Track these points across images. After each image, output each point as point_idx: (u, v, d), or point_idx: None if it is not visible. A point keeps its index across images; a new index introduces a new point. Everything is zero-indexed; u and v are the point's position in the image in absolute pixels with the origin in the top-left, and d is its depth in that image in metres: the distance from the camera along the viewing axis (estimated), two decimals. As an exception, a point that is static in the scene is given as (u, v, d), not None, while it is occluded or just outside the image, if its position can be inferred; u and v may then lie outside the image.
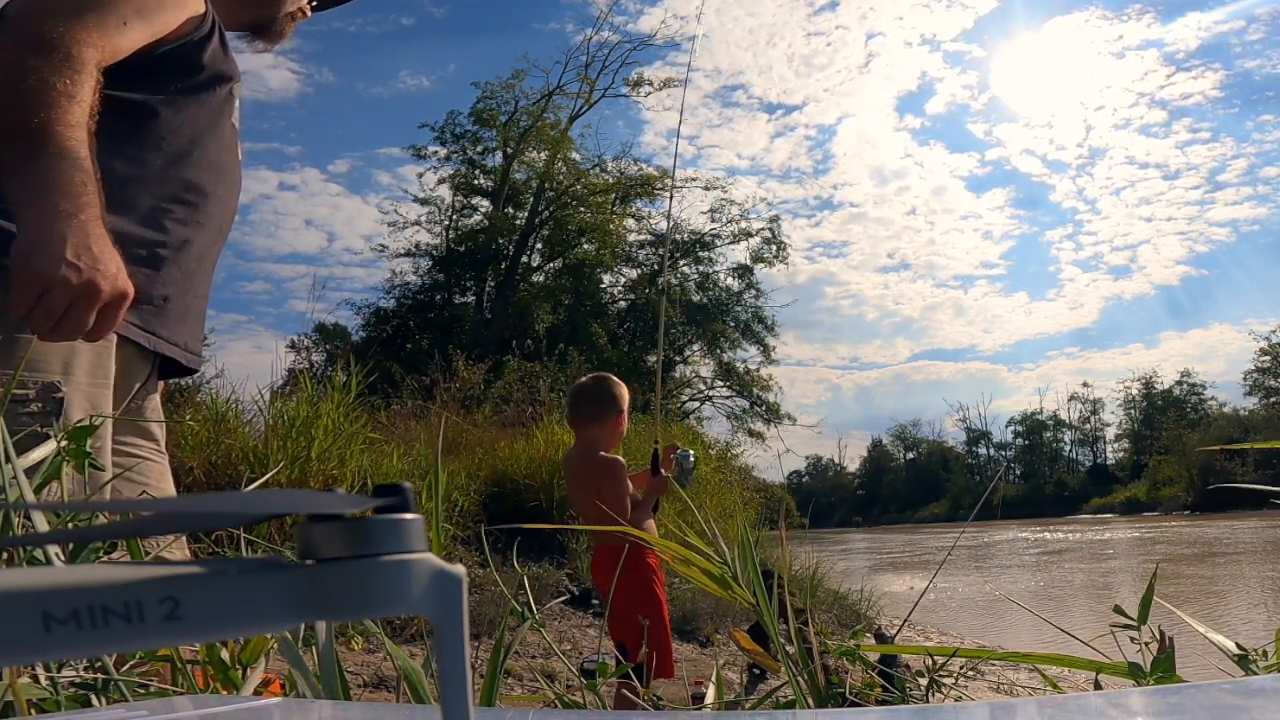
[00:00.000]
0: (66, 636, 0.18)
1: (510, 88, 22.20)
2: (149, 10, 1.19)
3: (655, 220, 22.93)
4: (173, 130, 1.25)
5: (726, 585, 0.92)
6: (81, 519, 0.73)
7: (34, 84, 1.04)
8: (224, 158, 1.36)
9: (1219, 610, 7.00)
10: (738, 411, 22.42)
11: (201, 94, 1.30)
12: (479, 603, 3.83)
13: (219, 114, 1.33)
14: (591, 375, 2.89)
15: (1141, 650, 0.76)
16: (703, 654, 4.59)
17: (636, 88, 22.91)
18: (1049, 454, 57.84)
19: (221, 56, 1.32)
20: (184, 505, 0.23)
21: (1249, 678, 0.69)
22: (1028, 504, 48.94)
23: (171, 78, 1.25)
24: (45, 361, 1.08)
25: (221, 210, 1.35)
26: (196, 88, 1.29)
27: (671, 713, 1.33)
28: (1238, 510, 23.67)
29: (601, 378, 2.77)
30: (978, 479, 55.85)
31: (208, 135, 1.31)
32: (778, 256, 23.21)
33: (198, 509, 0.23)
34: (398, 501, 0.22)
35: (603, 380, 2.74)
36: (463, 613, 0.21)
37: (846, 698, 0.91)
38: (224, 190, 1.36)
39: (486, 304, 21.31)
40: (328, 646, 0.59)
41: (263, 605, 0.20)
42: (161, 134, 1.22)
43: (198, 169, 1.29)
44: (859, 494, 65.55)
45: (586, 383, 2.81)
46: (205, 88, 1.30)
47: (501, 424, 7.39)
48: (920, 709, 0.60)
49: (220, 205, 1.34)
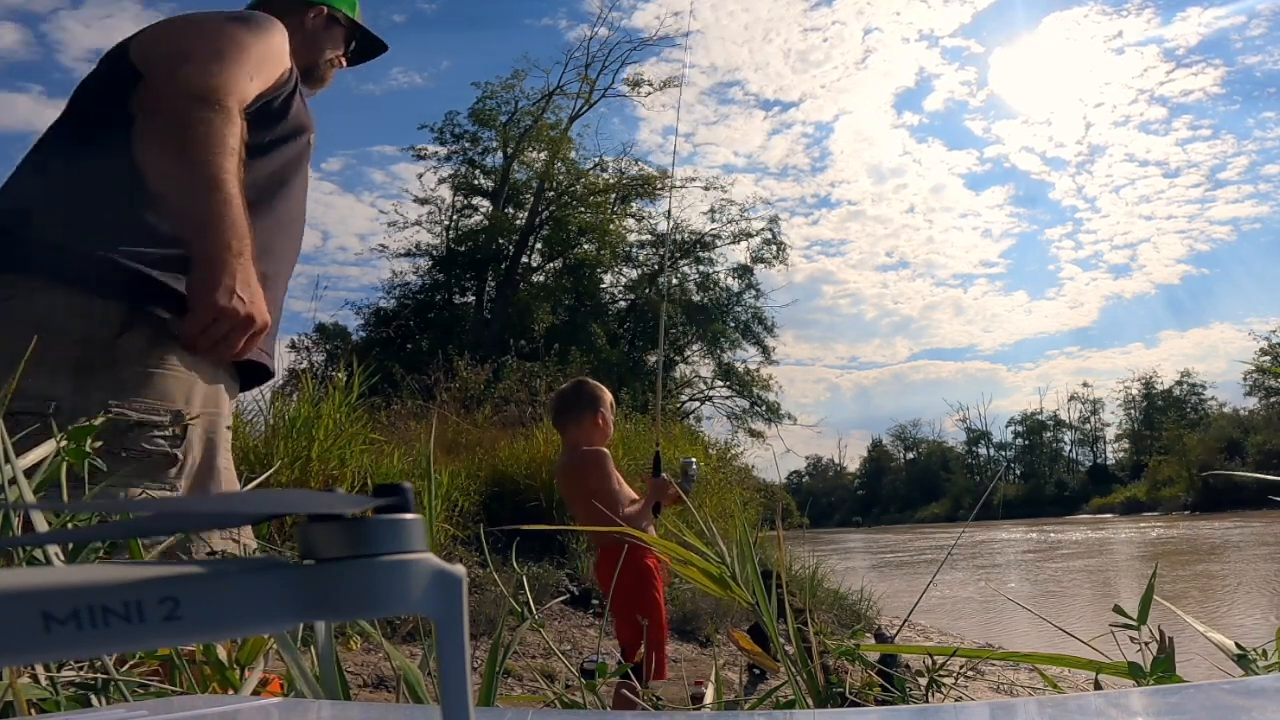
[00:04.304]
0: (66, 636, 0.18)
1: (510, 88, 22.24)
2: (265, 64, 1.32)
3: (655, 220, 22.96)
4: (265, 176, 1.36)
5: (726, 585, 0.92)
6: (81, 519, 0.73)
7: (203, 134, 1.17)
8: (302, 201, 1.49)
9: (1219, 610, 7.00)
10: (738, 411, 22.45)
11: (287, 143, 1.41)
12: (479, 603, 3.83)
13: (300, 161, 1.45)
14: (571, 380, 3.07)
15: (1141, 650, 0.76)
16: (702, 654, 4.59)
17: (636, 88, 22.94)
18: (1049, 454, 57.84)
19: (303, 108, 1.43)
20: (184, 505, 0.23)
21: (1249, 678, 0.69)
22: (1028, 504, 48.93)
23: (265, 128, 1.35)
24: (173, 392, 1.22)
25: (296, 246, 1.50)
26: (284, 138, 1.40)
27: (671, 713, 1.33)
28: (1238, 510, 23.67)
29: (579, 381, 2.92)
30: (978, 479, 55.85)
31: (293, 180, 1.44)
32: (777, 257, 23.23)
33: (198, 509, 0.23)
34: (398, 501, 0.22)
35: (580, 383, 2.89)
36: (463, 613, 0.21)
37: (846, 698, 0.91)
38: (299, 229, 1.50)
39: (487, 304, 21.32)
40: (327, 646, 0.59)
41: (263, 605, 0.20)
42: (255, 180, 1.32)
43: (284, 210, 1.41)
44: (859, 494, 65.57)
45: (564, 387, 2.97)
46: (290, 137, 1.41)
47: (502, 424, 7.38)
48: (920, 709, 0.60)
49: (294, 242, 1.49)
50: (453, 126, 22.45)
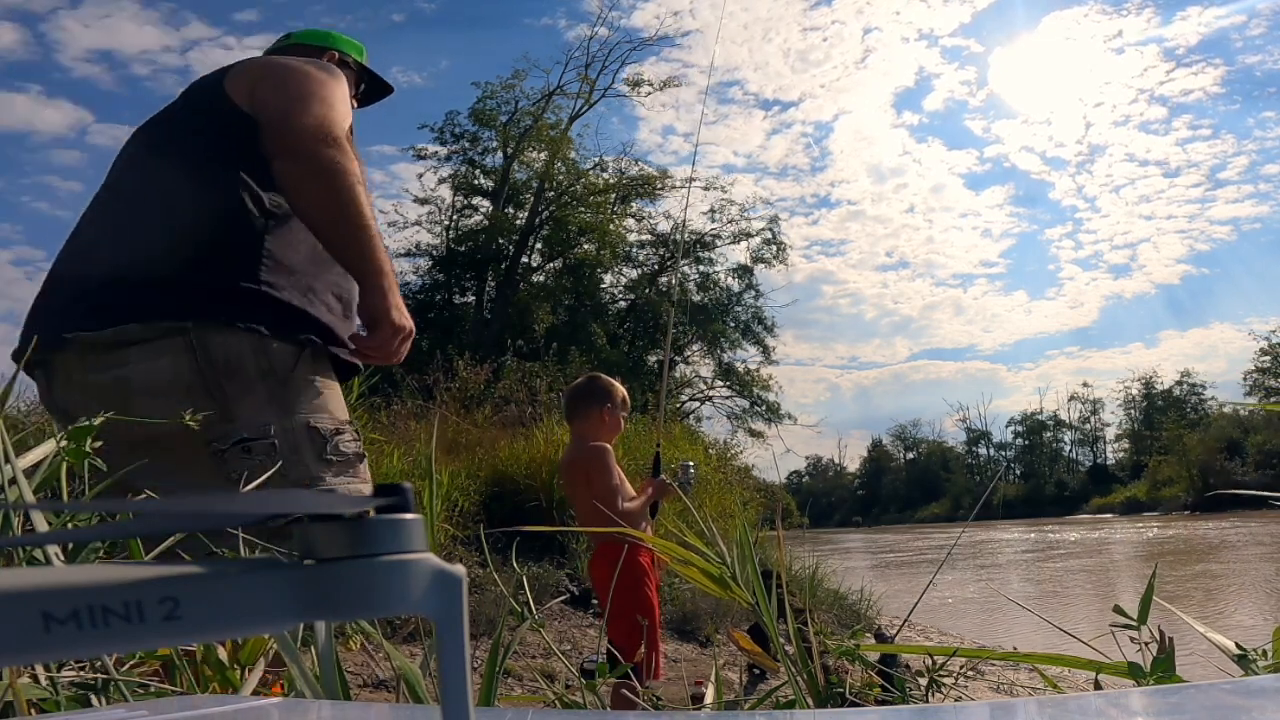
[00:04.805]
0: (66, 636, 0.18)
1: (510, 88, 22.22)
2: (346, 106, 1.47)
3: (655, 220, 22.95)
4: None
5: (726, 585, 0.92)
6: (81, 519, 0.73)
7: (350, 181, 1.35)
8: None
9: (1219, 610, 7.00)
10: (738, 411, 22.44)
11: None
12: (479, 603, 3.83)
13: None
14: (584, 375, 3.05)
15: (1141, 650, 0.76)
16: (702, 654, 4.59)
17: (636, 88, 22.93)
18: (1049, 454, 57.78)
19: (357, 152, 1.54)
20: (184, 505, 0.23)
21: (1249, 678, 0.69)
22: (1028, 504, 48.88)
23: None
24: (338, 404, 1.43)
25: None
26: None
27: (671, 713, 1.33)
28: (1238, 511, 23.66)
29: (592, 375, 2.93)
30: (978, 479, 55.81)
31: None
32: (777, 257, 23.23)
33: (198, 509, 0.23)
34: (398, 501, 0.22)
35: (592, 378, 2.90)
36: (463, 613, 0.21)
37: (846, 698, 0.91)
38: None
39: (486, 304, 21.31)
40: (327, 646, 0.59)
41: (263, 605, 0.20)
42: None
43: None
44: (859, 494, 65.50)
45: (578, 381, 2.98)
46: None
47: (502, 424, 7.38)
48: (920, 709, 0.60)
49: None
50: (453, 126, 22.46)
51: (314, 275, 1.42)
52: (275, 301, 1.35)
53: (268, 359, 1.33)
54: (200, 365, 1.28)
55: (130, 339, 1.29)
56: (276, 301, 1.35)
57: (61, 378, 1.36)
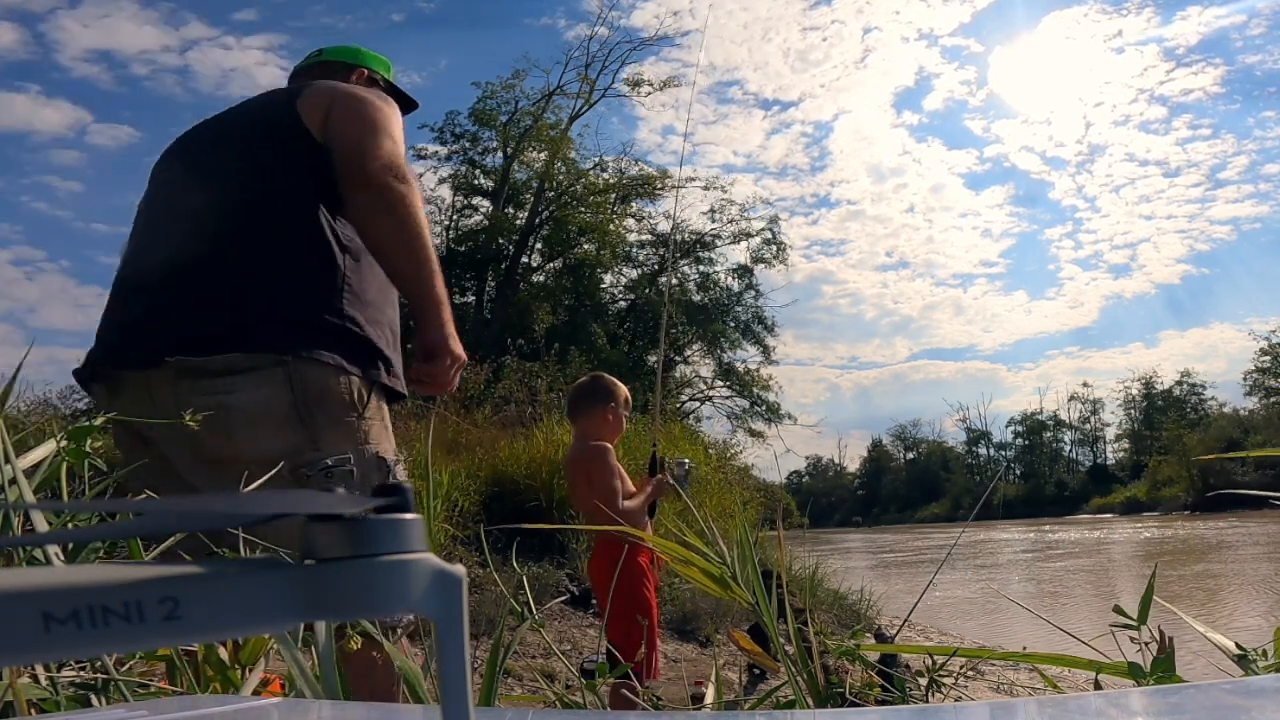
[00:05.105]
0: (66, 636, 0.18)
1: (510, 88, 22.19)
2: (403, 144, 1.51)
3: (655, 220, 22.94)
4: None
5: (726, 585, 0.92)
6: (81, 519, 0.73)
7: (419, 217, 1.41)
8: None
9: (1219, 610, 7.00)
10: (737, 411, 22.43)
11: None
12: (479, 603, 3.83)
13: None
14: (588, 374, 3.07)
15: (1141, 650, 0.76)
16: (702, 654, 4.59)
17: (636, 88, 22.92)
18: (1049, 454, 57.77)
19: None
20: (184, 505, 0.23)
21: (1249, 678, 0.69)
22: (1028, 504, 48.88)
23: None
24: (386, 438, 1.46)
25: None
26: None
27: (671, 713, 1.33)
28: (1238, 511, 23.66)
29: (595, 375, 2.95)
30: (978, 479, 55.80)
31: None
32: (777, 257, 23.21)
33: (198, 509, 0.23)
34: (397, 501, 0.22)
35: (596, 377, 2.91)
36: (463, 613, 0.21)
37: (846, 698, 0.91)
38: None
39: (486, 304, 21.30)
40: (327, 646, 0.59)
41: (263, 605, 0.20)
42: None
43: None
44: (859, 494, 65.49)
45: (581, 380, 3.00)
46: None
47: (502, 424, 7.38)
48: (920, 709, 0.60)
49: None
50: (453, 126, 22.44)
51: (379, 308, 1.46)
52: (356, 336, 1.40)
53: (350, 391, 1.39)
54: (295, 396, 1.33)
55: (235, 368, 1.32)
56: (357, 336, 1.41)
57: (140, 395, 1.36)
